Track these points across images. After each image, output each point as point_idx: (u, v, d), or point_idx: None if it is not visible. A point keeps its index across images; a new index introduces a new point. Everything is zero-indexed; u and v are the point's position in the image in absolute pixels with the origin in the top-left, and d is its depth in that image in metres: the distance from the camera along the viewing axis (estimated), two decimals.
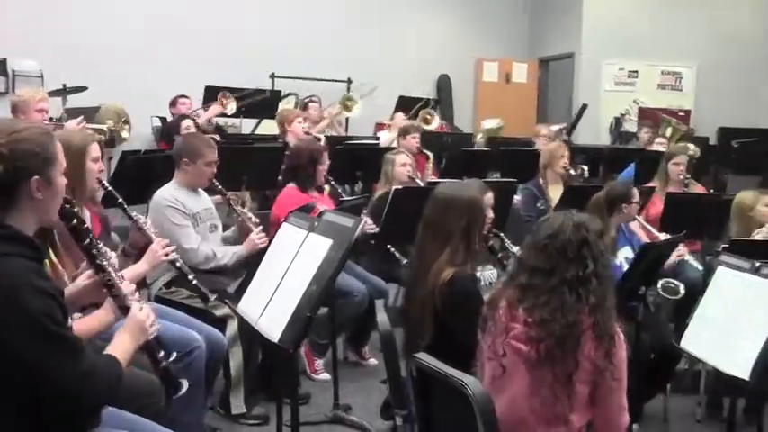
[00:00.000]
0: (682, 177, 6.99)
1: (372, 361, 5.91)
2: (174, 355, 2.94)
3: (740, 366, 3.24)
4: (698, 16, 12.90)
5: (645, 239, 5.54)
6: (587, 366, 2.74)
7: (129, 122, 8.80)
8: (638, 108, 12.73)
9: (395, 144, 8.40)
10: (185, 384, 2.89)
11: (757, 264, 3.48)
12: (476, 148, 9.51)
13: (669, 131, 10.61)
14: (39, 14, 10.91)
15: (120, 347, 2.65)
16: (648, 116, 12.05)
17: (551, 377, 2.75)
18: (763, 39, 13.10)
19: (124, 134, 8.61)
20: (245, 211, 5.21)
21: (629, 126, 12.32)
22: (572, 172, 7.22)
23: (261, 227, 5.05)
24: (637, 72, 13.02)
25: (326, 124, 9.81)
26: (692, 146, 8.31)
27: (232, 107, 9.45)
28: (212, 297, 4.39)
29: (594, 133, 12.60)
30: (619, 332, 2.80)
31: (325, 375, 5.56)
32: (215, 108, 9.33)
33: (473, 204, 3.67)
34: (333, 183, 6.26)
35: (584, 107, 10.76)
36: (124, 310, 2.78)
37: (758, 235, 5.57)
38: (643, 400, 5.04)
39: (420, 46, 13.45)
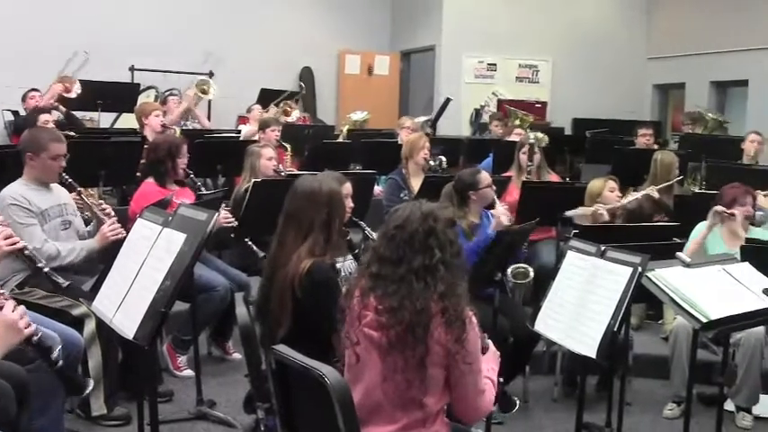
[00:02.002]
0: (526, 165, 7.18)
1: (237, 355, 5.86)
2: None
3: (588, 345, 3.39)
4: (554, 11, 13.31)
5: None
6: (439, 351, 2.79)
7: None
8: (497, 100, 13.03)
9: (256, 137, 8.34)
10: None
11: (602, 248, 3.64)
12: (337, 141, 9.58)
13: (517, 122, 10.90)
14: None
15: None
16: (503, 109, 12.35)
17: (403, 363, 2.80)
18: (614, 34, 13.62)
19: None
20: (99, 202, 5.06)
21: (488, 118, 12.60)
22: (431, 162, 7.31)
23: (114, 218, 4.91)
24: (496, 65, 13.33)
25: (184, 108, 9.58)
26: (538, 134, 8.53)
27: (77, 89, 9.16)
28: (65, 283, 4.23)
29: (455, 124, 12.84)
30: (471, 317, 2.86)
31: (189, 372, 5.48)
32: (56, 87, 9.03)
33: (333, 197, 3.70)
34: (192, 177, 6.18)
35: (448, 101, 10.95)
36: None
37: (597, 209, 5.83)
38: (503, 382, 5.19)
39: (282, 38, 13.40)
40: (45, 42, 11.20)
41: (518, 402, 4.71)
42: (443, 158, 7.38)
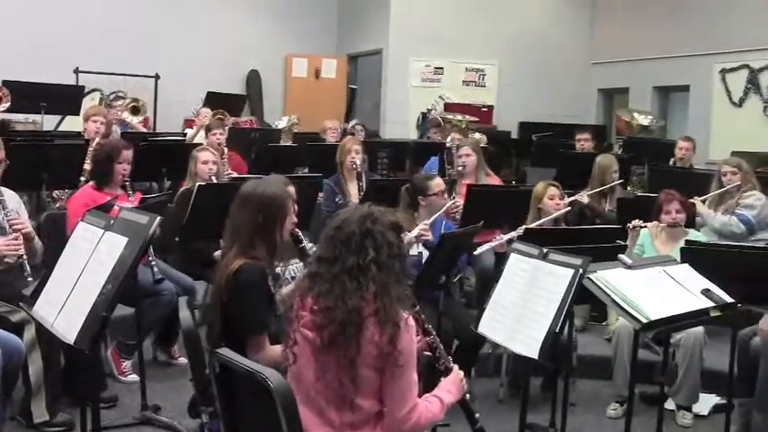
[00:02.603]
0: (461, 168, 7.21)
1: (182, 360, 5.81)
2: None
3: (530, 347, 3.42)
4: (500, 16, 13.40)
5: None
6: (372, 351, 2.81)
7: None
8: (444, 104, 13.09)
9: (202, 140, 8.30)
10: None
11: (545, 250, 3.68)
12: (282, 144, 9.56)
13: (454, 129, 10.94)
14: None
15: None
16: (454, 110, 12.38)
17: (335, 362, 2.83)
18: (559, 39, 13.77)
19: None
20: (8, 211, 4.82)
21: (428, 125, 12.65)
22: (356, 166, 7.22)
23: (19, 234, 4.51)
24: (442, 69, 13.38)
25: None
26: (476, 135, 8.61)
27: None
28: None
29: (402, 128, 12.87)
30: (406, 320, 2.88)
31: (134, 377, 5.43)
32: None
33: (270, 200, 3.68)
34: (130, 181, 6.10)
35: (353, 91, 10.90)
36: None
37: (534, 224, 5.90)
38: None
39: (229, 41, 13.37)
40: None
41: None
42: (358, 162, 7.32)
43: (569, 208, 6.34)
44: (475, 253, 5.32)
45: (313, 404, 2.90)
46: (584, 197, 7.00)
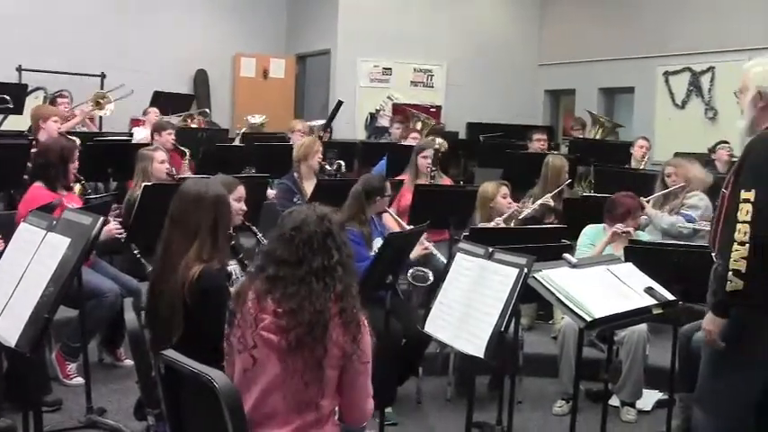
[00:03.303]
0: (429, 170, 7.26)
1: (128, 362, 5.74)
2: None
3: (475, 345, 3.45)
4: (448, 17, 13.46)
5: (396, 230, 5.74)
6: (336, 352, 2.83)
7: None
8: (392, 104, 13.12)
9: (149, 140, 8.21)
10: None
11: (491, 250, 3.71)
12: (231, 144, 9.52)
13: (419, 125, 11.01)
14: None
15: None
16: (401, 112, 12.45)
17: (302, 364, 2.82)
18: (507, 40, 13.87)
19: None
20: None
21: (384, 121, 12.68)
22: (326, 167, 7.30)
23: None
24: (391, 69, 13.39)
25: (78, 122, 9.42)
26: (439, 139, 8.67)
27: None
28: None
29: (350, 128, 12.88)
30: (363, 319, 2.90)
31: (79, 380, 5.36)
32: None
33: (219, 201, 3.68)
34: (83, 182, 6.04)
35: (340, 103, 10.97)
36: None
37: (498, 223, 5.95)
38: (396, 384, 5.24)
39: (176, 40, 13.24)
40: None
41: None
42: (342, 163, 7.36)
43: (534, 208, 6.42)
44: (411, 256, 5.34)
45: (270, 406, 2.88)
46: (549, 200, 7.05)
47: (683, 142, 10.42)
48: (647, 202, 6.97)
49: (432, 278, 5.47)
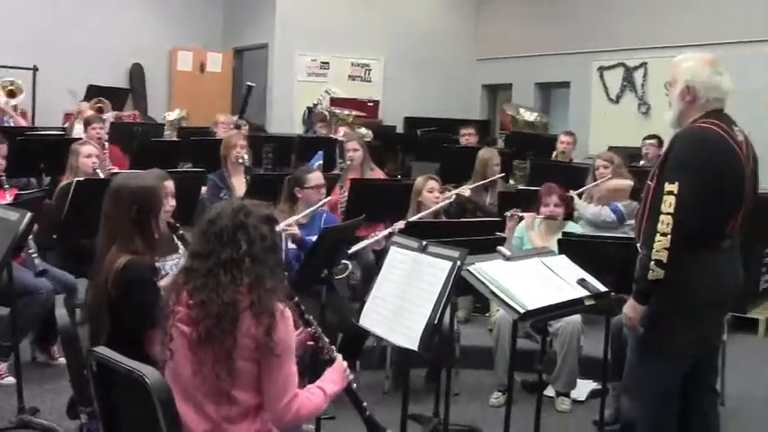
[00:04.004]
0: (349, 162, 7.25)
1: (62, 360, 5.64)
2: None
3: (410, 338, 3.46)
4: (386, 11, 13.50)
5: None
6: (248, 344, 2.82)
7: None
8: (330, 98, 13.10)
9: (82, 135, 8.09)
10: None
11: (424, 243, 3.73)
12: (165, 139, 9.42)
13: (340, 123, 11.00)
14: None
15: None
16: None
17: (212, 356, 2.82)
18: (444, 35, 13.95)
19: None
20: None
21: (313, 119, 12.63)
22: (243, 161, 7.20)
23: None
24: (328, 63, 13.38)
25: None
26: (363, 129, 8.68)
27: None
28: None
29: (288, 123, 12.84)
30: (282, 311, 2.89)
31: (10, 379, 5.26)
32: None
33: (144, 193, 3.63)
34: (3, 177, 5.91)
35: (250, 88, 10.90)
36: None
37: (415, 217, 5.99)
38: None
39: (112, 34, 13.05)
40: None
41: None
42: (246, 157, 7.26)
43: (450, 200, 6.45)
44: (350, 251, 5.33)
45: (191, 400, 2.88)
46: (466, 191, 7.12)
47: (618, 136, 10.61)
48: (580, 195, 7.08)
49: (350, 268, 5.49)
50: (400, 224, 5.77)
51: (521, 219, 6.01)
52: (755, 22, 9.65)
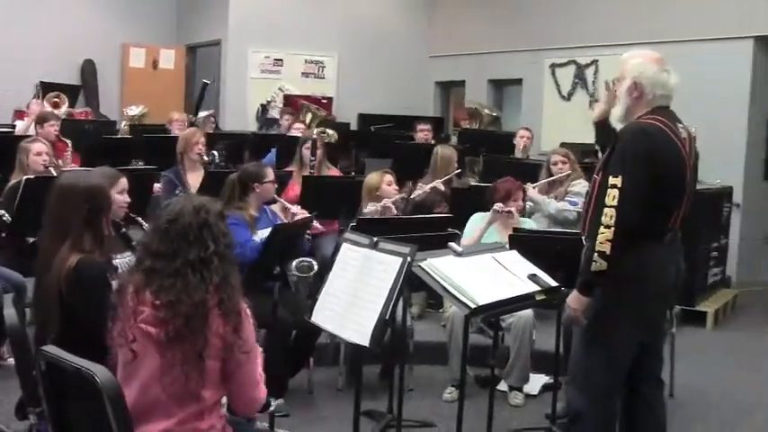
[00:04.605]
0: (310, 161, 7.24)
1: (11, 360, 5.59)
2: None
3: (361, 334, 3.48)
4: (338, 8, 13.45)
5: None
6: (217, 342, 2.82)
7: None
8: (284, 95, 13.06)
9: (32, 132, 8.00)
10: None
11: (375, 239, 3.75)
12: (118, 136, 9.34)
13: (309, 117, 11.01)
14: None
15: None
16: (292, 103, 12.41)
17: (181, 356, 2.81)
18: (398, 32, 13.95)
19: None
20: None
21: (275, 113, 12.60)
22: (205, 158, 7.20)
23: None
24: (282, 60, 13.32)
25: None
26: (329, 131, 8.70)
27: None
28: None
29: (242, 120, 12.78)
30: (245, 309, 2.90)
31: None
32: None
33: (94, 191, 3.60)
34: None
35: (206, 84, 10.86)
36: None
37: (385, 204, 6.02)
38: (287, 374, 5.25)
39: (63, 30, 12.86)
40: None
41: None
42: (216, 153, 7.25)
43: (427, 189, 6.49)
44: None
45: (149, 398, 2.86)
46: (440, 184, 7.14)
47: (569, 133, 10.68)
48: (534, 188, 7.14)
49: (316, 268, 5.51)
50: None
51: (509, 212, 6.00)
52: (704, 20, 9.79)
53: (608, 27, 10.85)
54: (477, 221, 6.07)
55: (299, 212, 5.73)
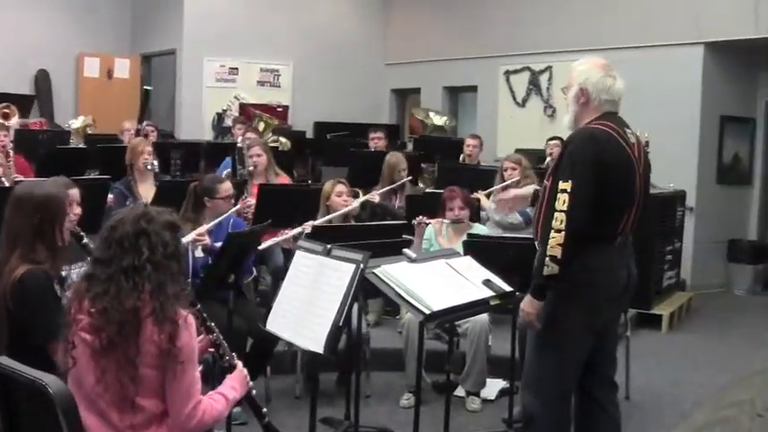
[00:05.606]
0: (252, 168, 7.25)
1: None
2: None
3: (315, 341, 3.49)
4: (293, 16, 13.44)
5: None
6: (152, 350, 2.81)
7: None
8: (239, 104, 13.02)
9: None
10: None
11: (329, 246, 3.77)
12: (71, 146, 9.26)
13: (262, 126, 10.98)
14: None
15: None
16: (246, 112, 12.37)
17: (114, 363, 2.81)
18: (353, 40, 13.98)
19: None
20: None
21: (230, 121, 12.56)
22: (153, 167, 7.12)
23: None
24: (237, 69, 13.26)
25: None
26: (282, 139, 8.70)
27: None
28: None
29: (197, 129, 12.71)
30: (185, 317, 2.89)
31: None
32: None
33: (46, 201, 3.57)
34: None
35: (147, 92, 10.77)
36: None
37: (321, 220, 6.04)
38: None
39: (15, 39, 12.67)
40: None
41: None
42: (155, 163, 7.19)
43: (357, 204, 6.48)
44: (260, 247, 5.36)
45: (95, 408, 2.86)
46: (375, 196, 7.17)
47: (524, 139, 10.80)
48: (487, 196, 7.19)
49: (254, 272, 5.52)
50: (310, 224, 5.80)
51: (427, 225, 6.10)
52: (657, 27, 9.92)
53: (562, 34, 10.96)
54: (430, 231, 6.14)
55: None
